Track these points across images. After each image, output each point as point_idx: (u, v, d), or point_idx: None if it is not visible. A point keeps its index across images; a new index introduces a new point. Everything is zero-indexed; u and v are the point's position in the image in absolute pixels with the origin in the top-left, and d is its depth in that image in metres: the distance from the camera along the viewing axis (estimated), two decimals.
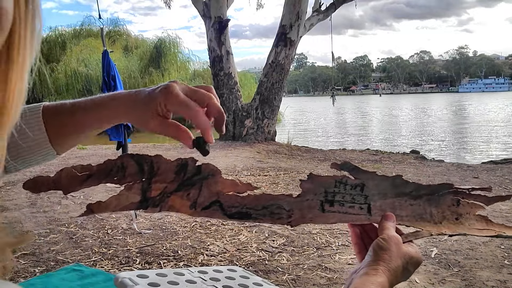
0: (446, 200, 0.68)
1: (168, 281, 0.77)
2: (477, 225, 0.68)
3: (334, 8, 9.57)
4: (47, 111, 0.58)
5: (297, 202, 0.63)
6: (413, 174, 5.51)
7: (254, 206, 0.61)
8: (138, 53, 19.67)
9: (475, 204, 0.68)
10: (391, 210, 0.66)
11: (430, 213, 0.67)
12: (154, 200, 0.56)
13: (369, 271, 0.58)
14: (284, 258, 2.71)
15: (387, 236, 0.61)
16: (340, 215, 0.64)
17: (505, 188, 4.59)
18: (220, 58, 8.97)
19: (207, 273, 0.86)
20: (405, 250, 0.61)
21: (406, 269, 0.61)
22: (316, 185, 0.64)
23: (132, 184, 0.55)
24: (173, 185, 0.57)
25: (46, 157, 0.59)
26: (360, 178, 0.65)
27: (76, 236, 3.09)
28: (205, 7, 9.13)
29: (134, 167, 0.55)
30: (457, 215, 0.67)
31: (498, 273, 2.46)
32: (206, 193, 0.59)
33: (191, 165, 0.58)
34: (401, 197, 0.66)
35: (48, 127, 0.57)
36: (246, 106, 8.95)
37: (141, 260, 2.68)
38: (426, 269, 2.52)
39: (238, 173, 5.35)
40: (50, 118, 0.57)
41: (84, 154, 7.36)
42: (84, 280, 2.04)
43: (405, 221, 0.67)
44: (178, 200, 0.57)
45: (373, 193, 0.65)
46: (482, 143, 13.15)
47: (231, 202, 0.60)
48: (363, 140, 14.73)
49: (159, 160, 0.57)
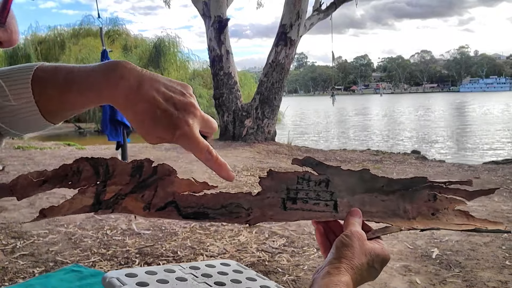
0: (422, 195, 0.65)
1: (157, 280, 0.75)
2: (456, 220, 0.65)
3: (335, 7, 9.56)
4: (37, 79, 0.51)
5: (257, 201, 0.61)
6: (414, 174, 5.50)
7: (211, 205, 0.59)
8: (137, 53, 19.67)
9: (455, 199, 0.66)
10: (360, 207, 0.63)
11: (404, 209, 0.64)
12: (108, 202, 0.55)
13: (331, 270, 0.55)
14: (284, 258, 2.70)
15: (350, 232, 0.58)
16: (303, 212, 0.62)
17: (506, 188, 4.58)
18: (220, 58, 8.95)
19: (199, 268, 0.84)
20: (369, 246, 0.58)
21: (372, 267, 0.58)
22: (277, 182, 0.62)
23: (87, 188, 0.54)
24: (128, 187, 0.56)
25: (40, 127, 0.55)
26: (325, 174, 0.63)
27: (75, 237, 3.08)
28: (205, 6, 9.11)
29: (89, 170, 0.54)
30: (433, 210, 0.65)
31: (500, 273, 2.44)
32: (161, 194, 0.57)
33: (147, 166, 0.56)
34: (371, 192, 0.64)
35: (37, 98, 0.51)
36: (246, 106, 8.94)
37: (140, 260, 2.67)
38: (427, 269, 2.51)
39: (238, 173, 5.34)
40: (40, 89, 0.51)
41: (83, 154, 7.35)
42: (83, 280, 2.02)
43: (376, 217, 0.64)
44: (132, 202, 0.56)
45: (340, 189, 0.63)
46: (483, 143, 13.13)
47: (188, 202, 0.58)
48: (364, 140, 14.71)
49: (114, 162, 0.55)
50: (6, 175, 5.19)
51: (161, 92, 0.51)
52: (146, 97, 0.50)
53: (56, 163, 6.28)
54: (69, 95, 0.51)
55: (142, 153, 7.27)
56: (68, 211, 0.53)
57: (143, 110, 0.50)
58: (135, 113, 0.51)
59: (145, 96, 0.50)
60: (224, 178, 0.56)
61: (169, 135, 0.51)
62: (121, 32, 21.42)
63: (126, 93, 0.50)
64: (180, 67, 19.75)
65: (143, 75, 0.51)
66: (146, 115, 0.50)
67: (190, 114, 0.52)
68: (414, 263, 2.61)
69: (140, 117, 0.51)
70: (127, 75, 0.50)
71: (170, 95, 0.51)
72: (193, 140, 0.52)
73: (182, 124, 0.51)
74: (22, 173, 0.52)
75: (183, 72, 19.87)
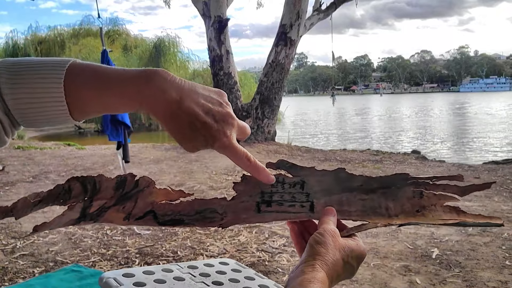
0: (406, 192, 0.64)
1: (154, 280, 0.75)
2: (444, 216, 0.63)
3: (335, 7, 9.55)
4: (71, 78, 0.51)
5: (231, 205, 0.62)
6: (414, 174, 5.49)
7: (187, 212, 0.61)
8: (137, 53, 19.67)
9: (444, 195, 0.64)
10: (337, 207, 0.62)
11: (386, 207, 0.63)
12: (91, 215, 0.58)
13: (306, 268, 0.54)
14: (284, 258, 2.70)
15: (323, 230, 0.58)
16: (277, 214, 0.62)
17: (506, 188, 4.58)
18: (220, 58, 8.95)
19: (198, 268, 0.84)
20: (343, 242, 0.58)
21: (348, 263, 0.58)
22: (251, 186, 0.62)
23: (75, 204, 0.56)
24: (112, 200, 0.58)
25: (62, 123, 0.56)
26: (300, 176, 0.63)
27: (75, 237, 3.08)
28: (205, 6, 9.11)
29: (79, 188, 0.56)
30: (419, 207, 0.63)
31: (499, 273, 2.44)
32: (141, 204, 0.60)
33: (129, 180, 0.59)
34: (349, 192, 0.63)
35: (69, 99, 0.51)
36: (246, 106, 8.94)
37: (141, 260, 2.67)
38: (427, 269, 2.51)
39: (238, 173, 5.34)
40: (73, 90, 0.51)
41: (83, 154, 7.35)
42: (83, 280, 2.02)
43: (354, 215, 0.63)
44: (114, 213, 0.59)
45: (316, 190, 0.63)
46: (483, 143, 13.13)
47: (165, 210, 0.61)
48: (364, 140, 14.71)
49: (101, 179, 0.58)
50: (6, 175, 5.19)
51: (201, 104, 0.52)
52: (187, 111, 0.51)
53: (56, 163, 6.28)
54: (106, 99, 0.52)
55: (142, 153, 7.27)
56: (57, 225, 0.57)
57: (183, 123, 0.52)
58: (176, 125, 0.52)
59: (185, 110, 0.51)
60: (264, 181, 0.59)
61: (208, 146, 0.54)
62: (121, 32, 21.43)
63: (167, 107, 0.51)
64: (180, 67, 19.74)
65: (183, 88, 0.52)
66: (186, 128, 0.52)
67: (229, 125, 0.54)
68: (414, 263, 2.61)
69: (180, 129, 0.52)
70: (168, 88, 0.51)
71: (209, 107, 0.53)
72: (231, 150, 0.54)
73: (221, 136, 0.53)
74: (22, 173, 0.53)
75: (183, 72, 19.86)
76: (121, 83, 0.52)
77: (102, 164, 6.15)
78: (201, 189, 4.54)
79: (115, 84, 0.52)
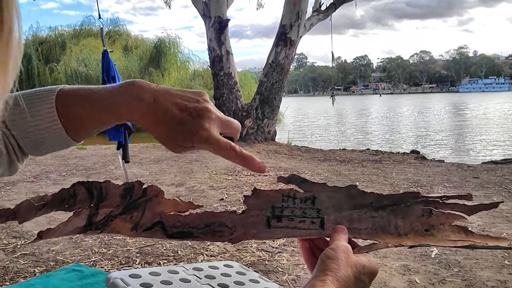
0: (416, 210, 0.63)
1: (161, 281, 0.76)
2: (453, 236, 0.63)
3: (335, 8, 9.57)
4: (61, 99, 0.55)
5: (241, 219, 0.61)
6: (413, 174, 5.51)
7: (196, 225, 0.60)
8: (138, 53, 19.69)
9: (453, 214, 0.63)
10: (348, 224, 0.62)
11: (395, 225, 0.62)
12: (98, 224, 0.57)
13: (316, 282, 0.53)
14: (284, 258, 2.71)
15: (335, 246, 0.57)
16: (287, 230, 0.62)
17: (505, 188, 4.59)
18: (220, 58, 8.96)
19: (203, 270, 0.84)
20: (355, 259, 0.57)
21: (359, 279, 0.57)
22: (262, 201, 0.61)
23: (81, 211, 0.56)
24: (118, 209, 0.58)
25: (64, 145, 0.58)
26: (311, 191, 0.61)
27: (76, 236, 3.09)
28: (205, 7, 9.12)
29: (84, 194, 0.56)
30: (428, 226, 0.62)
31: (499, 273, 2.45)
32: (148, 214, 0.59)
33: (137, 188, 0.58)
34: (359, 209, 0.62)
35: (62, 118, 0.55)
36: (246, 106, 8.95)
37: (141, 260, 2.68)
38: (426, 269, 2.52)
39: (238, 173, 5.35)
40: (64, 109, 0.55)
41: (84, 154, 7.36)
42: (84, 280, 2.03)
43: (363, 234, 0.62)
44: (121, 223, 0.58)
45: (327, 206, 0.61)
46: (483, 143, 13.14)
47: (173, 222, 0.60)
48: (363, 140, 14.72)
49: (108, 185, 0.57)
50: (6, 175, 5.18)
51: (176, 103, 0.54)
52: (162, 111, 0.53)
53: (57, 163, 6.29)
54: (92, 114, 0.55)
55: (142, 153, 7.28)
56: (62, 233, 0.56)
57: (161, 123, 0.53)
58: (155, 127, 0.54)
59: (161, 110, 0.53)
60: (255, 171, 0.57)
61: (188, 142, 0.54)
62: (121, 33, 21.46)
63: (143, 111, 0.53)
64: (180, 67, 19.76)
65: (157, 91, 0.54)
66: (164, 127, 0.53)
67: (206, 118, 0.54)
68: (413, 262, 2.62)
69: (160, 130, 0.54)
70: (142, 93, 0.53)
71: (185, 104, 0.54)
72: (212, 142, 0.54)
73: (198, 129, 0.53)
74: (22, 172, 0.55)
75: (184, 72, 19.89)
76: (102, 97, 0.55)
77: (103, 164, 6.16)
78: (202, 188, 4.55)
79: (98, 99, 0.55)
